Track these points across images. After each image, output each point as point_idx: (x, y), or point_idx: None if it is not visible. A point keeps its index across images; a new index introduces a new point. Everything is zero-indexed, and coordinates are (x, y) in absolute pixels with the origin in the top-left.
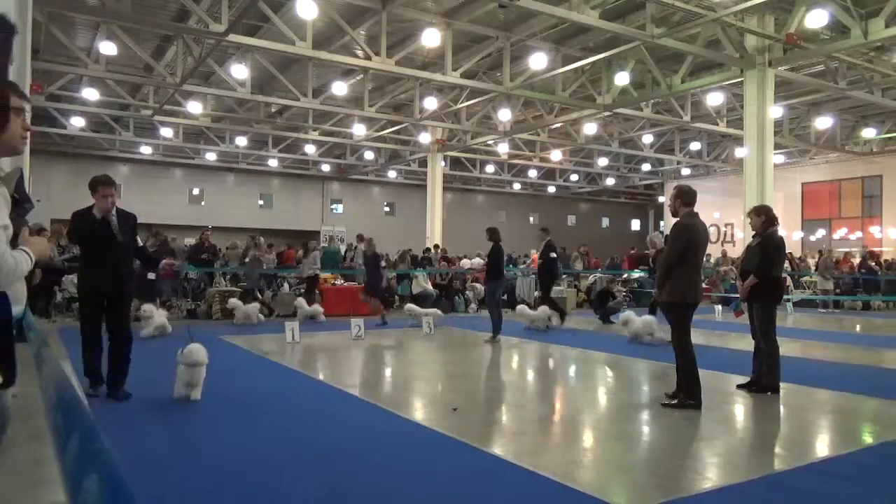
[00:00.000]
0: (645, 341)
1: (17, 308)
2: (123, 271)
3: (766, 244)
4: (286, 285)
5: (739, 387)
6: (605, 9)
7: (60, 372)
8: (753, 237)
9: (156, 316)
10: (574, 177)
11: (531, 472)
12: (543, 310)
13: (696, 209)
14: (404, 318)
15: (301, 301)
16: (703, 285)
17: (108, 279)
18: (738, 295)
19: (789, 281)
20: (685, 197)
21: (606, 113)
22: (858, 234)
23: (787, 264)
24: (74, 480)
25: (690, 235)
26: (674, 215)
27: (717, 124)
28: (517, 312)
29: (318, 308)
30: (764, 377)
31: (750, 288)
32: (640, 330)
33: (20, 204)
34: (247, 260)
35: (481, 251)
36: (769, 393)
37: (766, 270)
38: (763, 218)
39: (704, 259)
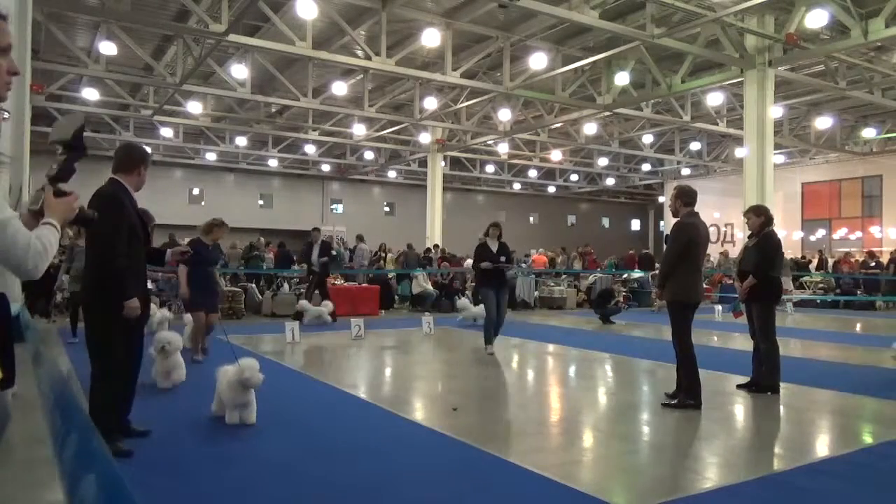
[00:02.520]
0: (477, 323)
1: (13, 307)
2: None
3: (765, 244)
4: (286, 285)
5: (739, 387)
6: (605, 9)
7: (59, 372)
8: (749, 237)
9: None
10: (574, 177)
11: (531, 472)
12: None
13: (696, 209)
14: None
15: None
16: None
17: (141, 287)
18: (735, 295)
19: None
20: (686, 197)
21: (606, 113)
22: (858, 234)
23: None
24: (73, 480)
25: (691, 235)
26: (674, 215)
27: (717, 124)
28: (459, 307)
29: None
30: (764, 377)
31: (749, 288)
32: (475, 314)
33: (77, 153)
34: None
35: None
36: (769, 393)
37: (764, 270)
38: (763, 218)
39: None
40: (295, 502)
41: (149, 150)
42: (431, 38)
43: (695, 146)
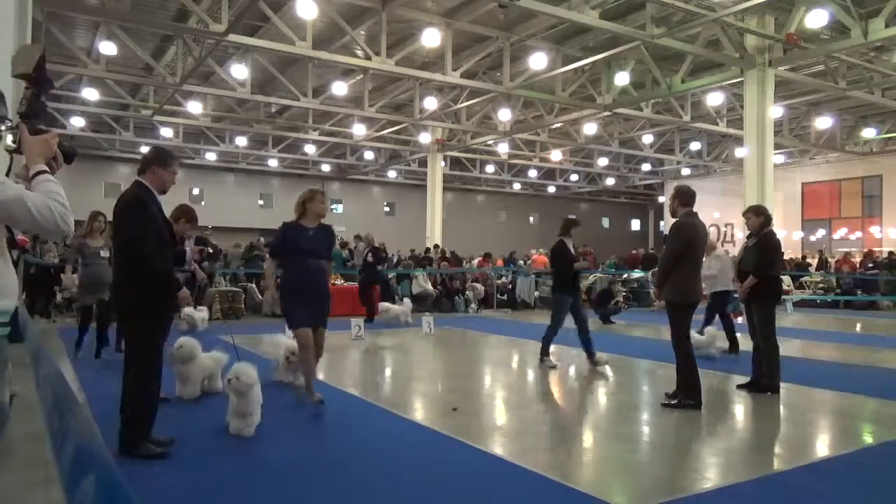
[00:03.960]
0: (402, 322)
1: (9, 302)
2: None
3: (764, 244)
4: None
5: (739, 387)
6: (605, 9)
7: (58, 373)
8: (749, 237)
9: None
10: (574, 177)
11: (531, 472)
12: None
13: (695, 209)
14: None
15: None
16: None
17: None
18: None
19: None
20: (684, 197)
21: (606, 113)
22: (858, 234)
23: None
24: (72, 480)
25: (689, 235)
26: (673, 215)
27: (717, 124)
28: (382, 309)
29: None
30: (764, 377)
31: (749, 288)
32: (399, 313)
33: (41, 84)
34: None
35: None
36: (769, 393)
37: (764, 270)
38: (762, 218)
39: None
40: (294, 501)
41: (166, 150)
42: (431, 38)
43: (695, 146)
